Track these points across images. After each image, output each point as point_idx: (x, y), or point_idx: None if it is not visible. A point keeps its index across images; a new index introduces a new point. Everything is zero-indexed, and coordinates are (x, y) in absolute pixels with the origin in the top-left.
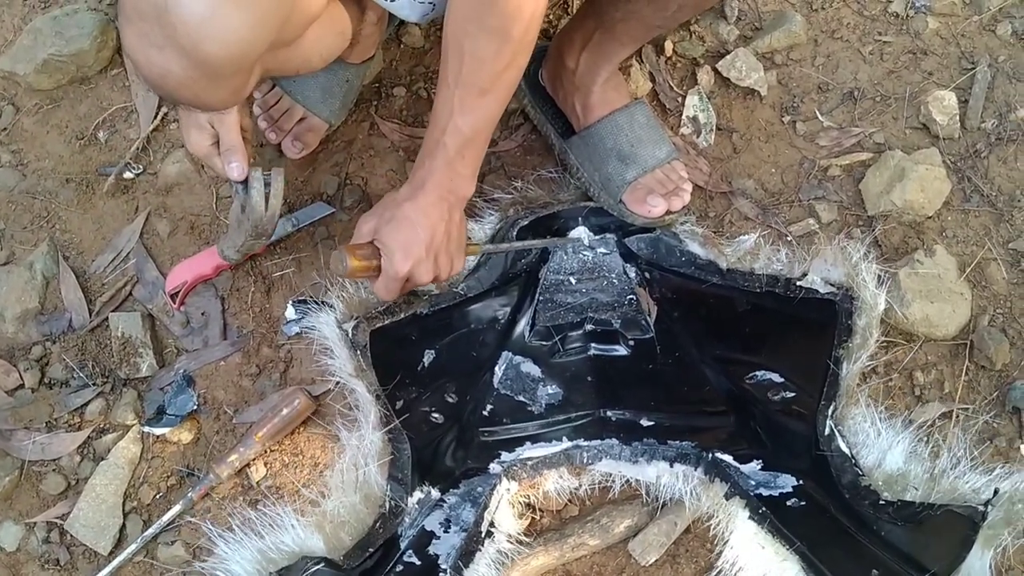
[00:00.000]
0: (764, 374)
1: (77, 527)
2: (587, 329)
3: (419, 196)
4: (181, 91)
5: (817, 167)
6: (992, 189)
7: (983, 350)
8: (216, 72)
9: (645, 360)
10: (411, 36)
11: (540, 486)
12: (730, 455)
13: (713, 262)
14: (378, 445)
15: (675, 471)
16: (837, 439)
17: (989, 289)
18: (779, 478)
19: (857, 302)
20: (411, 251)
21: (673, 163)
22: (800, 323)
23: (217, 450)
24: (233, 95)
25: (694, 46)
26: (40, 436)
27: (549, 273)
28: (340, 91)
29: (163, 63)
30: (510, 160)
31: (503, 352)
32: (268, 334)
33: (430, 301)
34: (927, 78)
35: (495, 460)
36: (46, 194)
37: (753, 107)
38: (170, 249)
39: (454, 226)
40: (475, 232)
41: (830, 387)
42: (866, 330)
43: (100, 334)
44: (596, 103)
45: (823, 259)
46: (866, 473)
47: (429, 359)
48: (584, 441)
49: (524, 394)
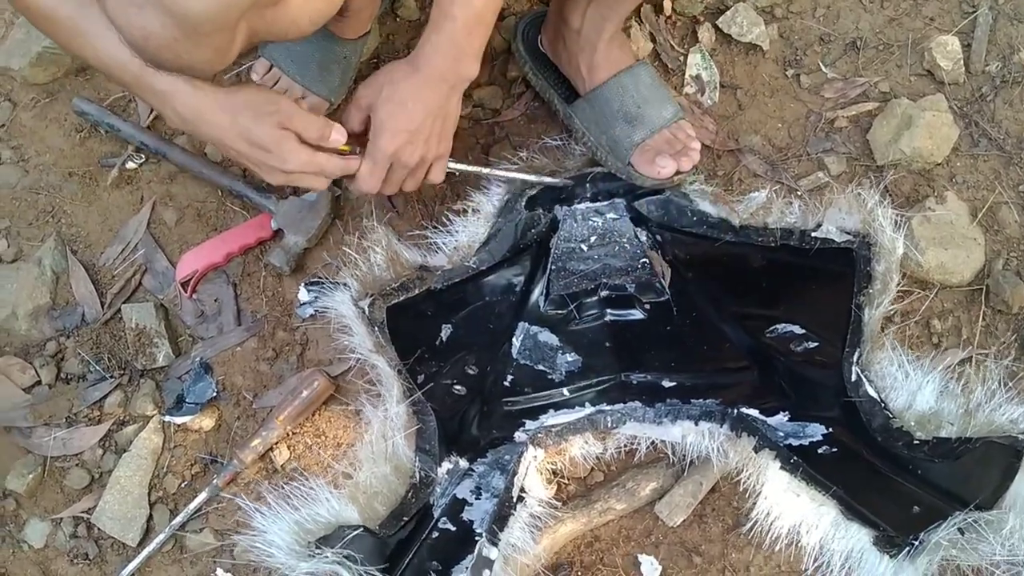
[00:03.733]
0: (785, 327)
1: (104, 520)
2: (602, 295)
3: (419, 74)
4: (164, 52)
5: (824, 120)
6: (1000, 132)
7: (999, 294)
8: (196, 29)
9: (662, 322)
10: (407, 9)
11: (566, 452)
12: (756, 409)
13: (726, 220)
14: (403, 418)
15: (700, 429)
16: (864, 385)
17: (1002, 233)
18: (807, 427)
19: (875, 248)
20: (399, 132)
21: (680, 122)
22: (818, 274)
23: (239, 436)
24: (217, 54)
25: (693, 3)
26: (60, 432)
27: (560, 242)
28: (338, 68)
29: (143, 23)
30: (514, 129)
31: (520, 323)
32: (282, 317)
33: (444, 276)
34: (929, 24)
35: (520, 429)
36: (49, 189)
37: (756, 62)
38: (178, 237)
39: (451, 108)
40: (483, 205)
41: (853, 334)
42: (886, 275)
43: (114, 326)
44: (601, 63)
45: (837, 208)
46: (897, 415)
47: (447, 333)
48: (607, 405)
49: (544, 363)
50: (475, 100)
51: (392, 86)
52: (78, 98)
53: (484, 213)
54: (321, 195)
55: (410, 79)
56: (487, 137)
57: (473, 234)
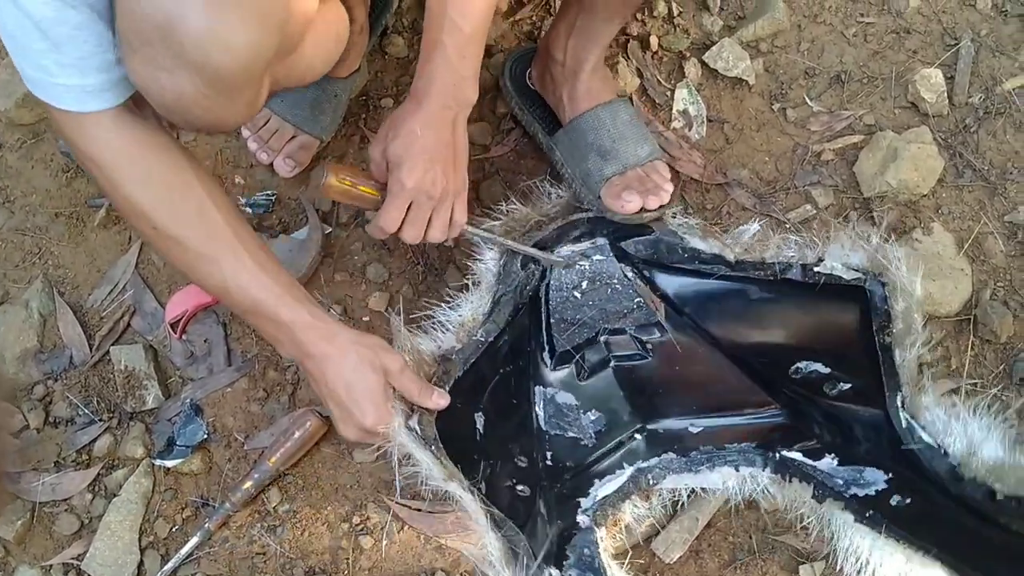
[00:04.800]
0: (808, 365)
1: (94, 566)
2: (602, 341)
3: (422, 108)
4: (196, 111)
5: (810, 153)
6: (984, 163)
7: (987, 324)
8: (229, 84)
9: (669, 363)
10: (395, 47)
11: (620, 522)
12: (798, 453)
13: (719, 255)
14: (498, 546)
15: (741, 475)
16: (917, 430)
17: (988, 263)
18: (864, 472)
19: (889, 287)
20: (417, 160)
21: (655, 163)
22: (827, 310)
23: (231, 478)
24: (248, 108)
25: (679, 39)
26: (49, 477)
27: (553, 292)
28: (330, 107)
29: (175, 86)
30: (503, 165)
31: (536, 387)
32: (273, 357)
33: (460, 359)
34: (912, 56)
35: (579, 511)
36: (36, 230)
37: (742, 96)
38: (167, 277)
39: (459, 136)
40: (483, 275)
41: (888, 376)
42: (907, 314)
43: (102, 369)
44: (582, 94)
45: (839, 244)
46: (962, 463)
47: (481, 423)
48: (643, 463)
49: (572, 428)
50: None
51: (400, 124)
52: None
53: (485, 283)
54: (311, 233)
55: (415, 114)
56: (477, 173)
57: (476, 306)
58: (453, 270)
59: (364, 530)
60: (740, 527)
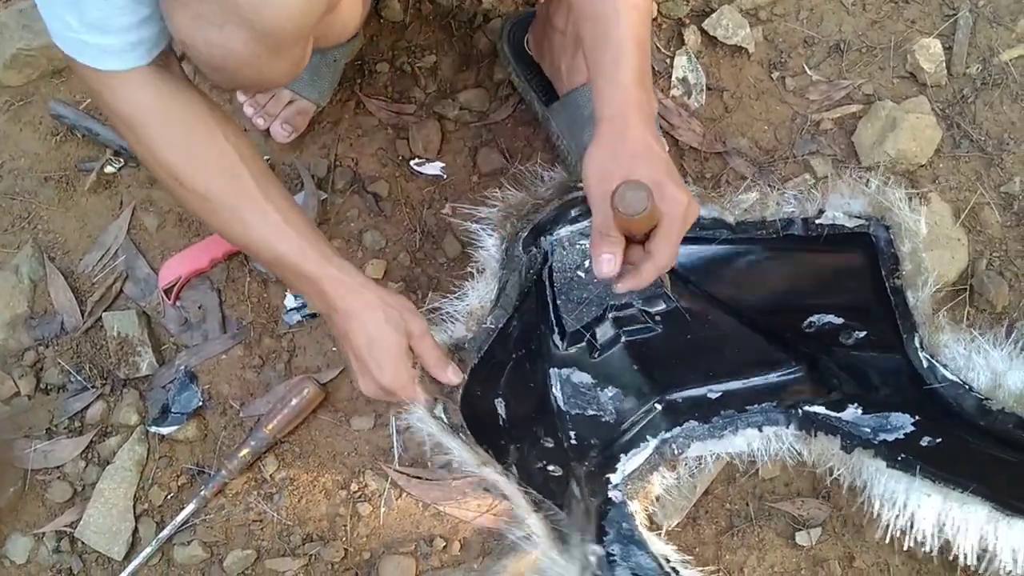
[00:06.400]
0: (821, 318)
1: (88, 534)
2: (611, 317)
3: (631, 129)
4: (243, 69)
5: (809, 122)
6: (981, 134)
7: (983, 294)
8: (280, 41)
9: (680, 333)
10: (391, 10)
11: (651, 495)
12: (821, 406)
13: (719, 219)
14: (541, 527)
15: (765, 434)
16: (939, 369)
17: (984, 233)
18: (890, 418)
19: (894, 229)
20: (675, 173)
21: None
22: (834, 261)
23: (226, 446)
24: (293, 67)
25: (678, 6)
26: (41, 444)
27: (556, 273)
28: (328, 71)
29: (223, 41)
30: (501, 132)
31: (550, 369)
32: (268, 324)
33: (474, 348)
34: (910, 26)
35: (609, 487)
36: (25, 194)
37: (741, 65)
38: (159, 243)
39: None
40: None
41: (903, 319)
42: (915, 254)
43: (95, 335)
44: (580, 65)
45: (839, 194)
46: (989, 396)
47: (502, 409)
48: (666, 433)
49: (591, 407)
50: (461, 103)
51: (626, 159)
52: (55, 101)
53: (489, 270)
54: (307, 200)
55: (629, 139)
56: (474, 140)
57: (482, 294)
58: (451, 238)
59: (362, 497)
60: (737, 494)
